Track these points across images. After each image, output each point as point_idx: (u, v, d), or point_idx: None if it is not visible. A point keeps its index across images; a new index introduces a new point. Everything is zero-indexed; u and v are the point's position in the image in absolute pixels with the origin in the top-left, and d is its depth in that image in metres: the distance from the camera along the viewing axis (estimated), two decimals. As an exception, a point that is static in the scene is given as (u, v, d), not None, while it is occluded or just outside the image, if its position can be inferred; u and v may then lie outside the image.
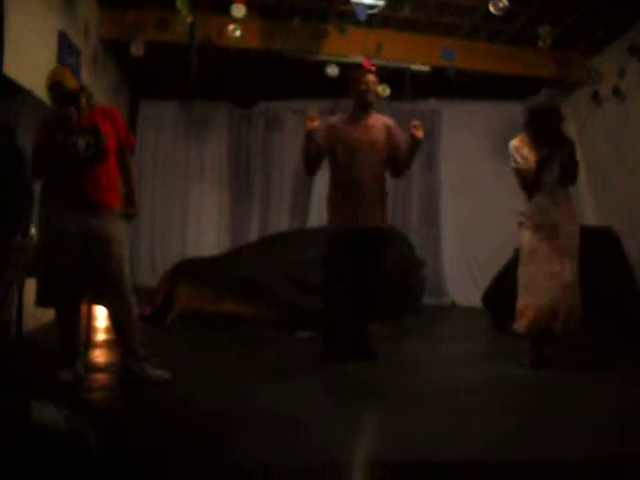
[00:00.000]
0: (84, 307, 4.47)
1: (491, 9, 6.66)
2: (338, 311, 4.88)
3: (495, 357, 5.39)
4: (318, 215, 9.39)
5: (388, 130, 4.96)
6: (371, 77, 4.92)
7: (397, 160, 4.97)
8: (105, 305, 4.16)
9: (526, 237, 4.99)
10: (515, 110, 9.52)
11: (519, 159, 4.98)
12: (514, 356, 5.08)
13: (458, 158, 9.36)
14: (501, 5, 6.58)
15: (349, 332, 4.93)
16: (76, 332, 4.16)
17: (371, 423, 3.56)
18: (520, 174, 5.00)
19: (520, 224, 5.03)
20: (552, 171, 4.96)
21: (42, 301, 4.08)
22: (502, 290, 6.84)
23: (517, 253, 6.87)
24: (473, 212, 9.22)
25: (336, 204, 4.89)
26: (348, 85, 5.00)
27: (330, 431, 3.27)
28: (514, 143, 5.07)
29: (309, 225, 9.26)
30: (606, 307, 6.11)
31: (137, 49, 7.32)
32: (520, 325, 4.93)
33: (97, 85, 7.38)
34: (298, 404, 3.73)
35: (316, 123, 4.71)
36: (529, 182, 4.97)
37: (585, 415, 3.72)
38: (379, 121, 4.99)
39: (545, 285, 4.84)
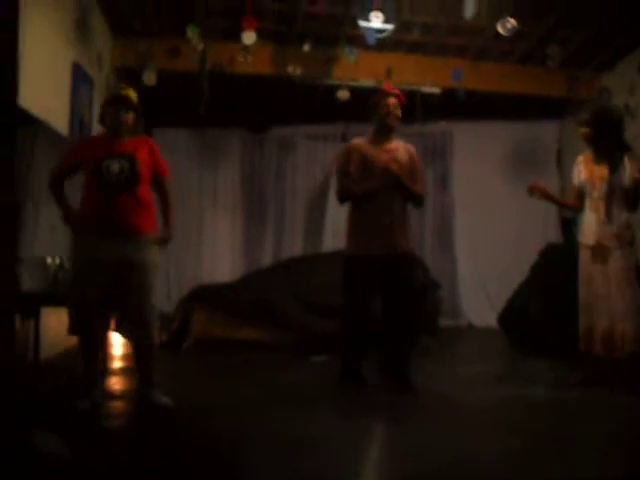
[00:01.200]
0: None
1: (499, 30, 6.69)
2: (355, 336, 4.83)
3: (511, 378, 5.36)
4: (332, 239, 9.41)
5: (410, 155, 4.88)
6: (392, 100, 4.82)
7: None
8: (128, 333, 4.13)
9: (581, 257, 4.98)
10: (527, 129, 9.62)
11: (574, 175, 5.05)
12: (531, 377, 5.06)
13: (470, 179, 9.36)
14: (509, 26, 6.61)
15: (362, 357, 4.90)
16: (98, 360, 4.19)
17: (384, 447, 3.54)
18: (572, 191, 5.06)
19: (578, 243, 5.04)
20: (600, 188, 4.90)
21: (74, 329, 4.05)
22: (517, 310, 6.82)
23: (532, 272, 6.87)
24: (487, 232, 9.21)
25: (361, 230, 4.75)
26: (368, 109, 4.89)
27: (343, 455, 3.26)
28: (578, 158, 5.08)
29: (323, 249, 9.25)
30: None
31: (149, 77, 7.40)
32: (584, 345, 4.90)
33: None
34: (313, 428, 3.72)
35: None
36: (572, 202, 5.09)
37: (596, 439, 3.67)
38: (401, 145, 4.91)
39: (600, 308, 4.82)
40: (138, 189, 4.04)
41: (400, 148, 4.87)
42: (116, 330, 4.19)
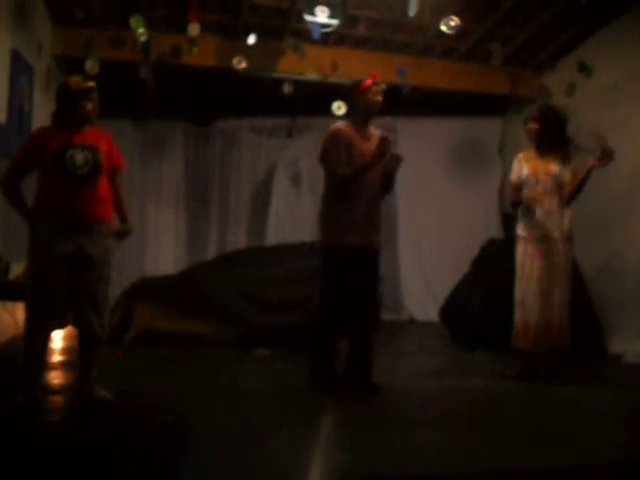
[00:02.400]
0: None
1: (442, 28, 6.77)
2: (333, 332, 4.64)
3: (450, 371, 5.46)
4: (275, 232, 9.41)
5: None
6: (380, 88, 4.70)
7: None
8: (78, 326, 4.05)
9: (520, 251, 5.06)
10: (469, 126, 9.76)
11: (513, 170, 5.15)
12: (470, 369, 5.16)
13: (414, 174, 9.41)
14: (452, 24, 6.69)
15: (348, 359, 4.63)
16: (44, 353, 4.11)
17: (324, 439, 3.56)
18: (509, 187, 5.17)
19: (516, 237, 5.11)
20: (545, 183, 5.02)
21: (35, 326, 3.91)
22: (458, 304, 6.93)
23: (473, 267, 7.00)
24: (430, 227, 9.32)
25: (344, 220, 4.50)
26: (352, 94, 4.71)
27: (286, 446, 3.29)
28: (518, 155, 5.18)
29: (266, 242, 9.25)
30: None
31: (92, 67, 7.26)
32: (521, 341, 5.00)
33: (50, 103, 7.30)
34: (256, 420, 3.72)
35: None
36: (512, 197, 5.16)
37: (535, 425, 3.82)
38: (376, 133, 4.72)
39: (536, 303, 4.91)
40: (100, 180, 4.01)
41: (376, 135, 4.64)
42: (70, 323, 4.11)
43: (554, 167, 5.03)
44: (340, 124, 4.71)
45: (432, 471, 3.01)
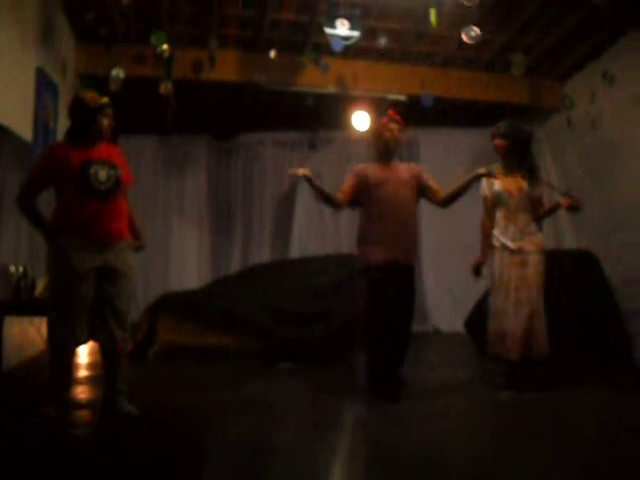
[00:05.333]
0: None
1: (464, 38, 6.76)
2: (384, 348, 4.77)
3: (476, 382, 5.42)
4: (299, 247, 9.42)
5: (411, 171, 5.01)
6: (395, 126, 4.98)
7: (435, 195, 5.00)
8: (102, 340, 4.06)
9: (496, 262, 5.10)
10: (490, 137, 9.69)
11: (483, 187, 5.25)
12: (495, 381, 5.12)
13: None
14: (473, 34, 6.68)
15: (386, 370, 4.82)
16: (70, 368, 4.14)
17: (350, 452, 3.54)
18: (485, 202, 5.27)
19: (491, 247, 5.14)
20: (519, 199, 5.12)
21: (59, 341, 3.92)
22: (483, 316, 6.87)
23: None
24: (453, 238, 9.25)
25: (374, 240, 4.82)
26: (371, 134, 5.06)
27: (312, 461, 3.27)
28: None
29: (290, 255, 9.26)
30: (588, 329, 6.15)
31: (116, 84, 7.33)
32: (495, 349, 5.05)
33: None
34: (279, 435, 3.71)
35: (301, 171, 4.67)
36: (484, 209, 5.28)
37: (561, 437, 3.76)
38: (402, 166, 5.08)
39: (513, 312, 4.95)
40: (119, 195, 4.04)
41: (402, 167, 5.05)
42: (92, 337, 4.13)
43: (523, 183, 5.14)
44: (359, 165, 5.08)
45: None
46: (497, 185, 5.15)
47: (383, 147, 5.00)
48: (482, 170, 4.80)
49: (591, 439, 3.77)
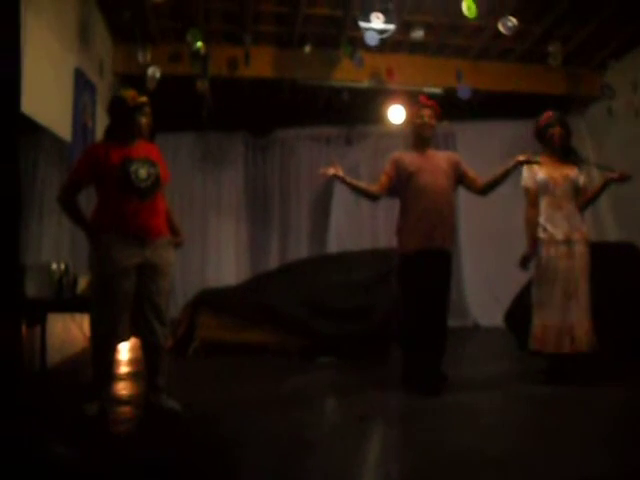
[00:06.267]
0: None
1: (500, 29, 6.69)
2: (422, 339, 4.76)
3: (518, 377, 5.35)
4: (337, 241, 9.41)
5: (449, 159, 5.01)
6: (427, 111, 4.95)
7: (474, 183, 5.01)
8: (142, 336, 4.11)
9: (543, 253, 5.00)
10: (528, 128, 9.59)
11: (526, 177, 5.14)
12: (536, 376, 5.06)
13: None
14: (510, 24, 6.61)
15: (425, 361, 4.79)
16: (112, 365, 4.19)
17: (392, 447, 3.53)
18: (528, 193, 5.14)
19: (537, 239, 5.05)
20: (564, 187, 5.03)
21: (101, 338, 3.98)
22: (523, 309, 6.79)
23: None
24: (492, 231, 9.18)
25: (410, 228, 4.82)
26: (406, 123, 5.09)
27: (351, 455, 3.26)
28: None
29: (328, 251, 9.25)
30: (630, 323, 6.05)
31: (151, 82, 7.39)
32: (539, 344, 4.95)
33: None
34: (320, 429, 3.72)
35: (331, 171, 4.73)
36: (528, 200, 5.14)
37: (605, 433, 3.70)
38: (440, 154, 5.10)
39: (562, 304, 4.85)
40: (159, 193, 4.07)
41: (439, 154, 5.06)
42: (133, 334, 4.19)
43: (570, 172, 5.07)
44: (396, 153, 5.06)
45: None
46: (541, 174, 5.06)
47: (416, 135, 4.98)
48: (522, 157, 4.76)
49: (630, 434, 3.70)
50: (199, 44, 7.08)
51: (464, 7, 6.32)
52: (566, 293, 4.88)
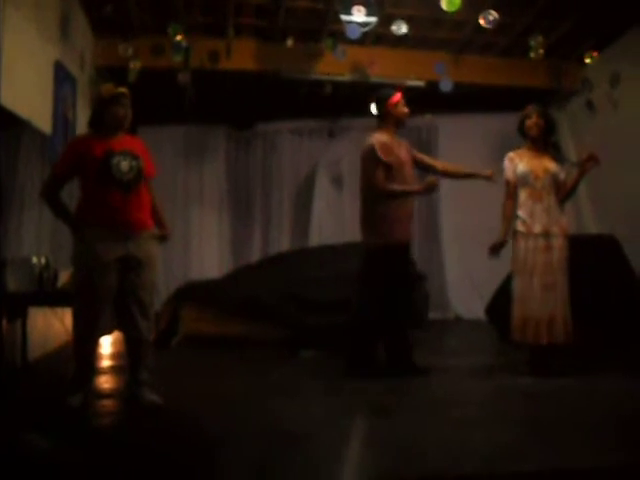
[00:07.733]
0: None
1: (481, 22, 6.70)
2: (374, 327, 5.02)
3: (500, 369, 5.39)
4: (318, 234, 9.41)
5: (407, 147, 5.20)
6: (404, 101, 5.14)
7: (434, 164, 5.36)
8: (126, 330, 4.11)
9: (520, 246, 5.03)
10: (510, 121, 9.64)
11: (506, 169, 5.19)
12: (518, 367, 5.10)
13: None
14: (491, 18, 6.63)
15: (391, 348, 5.07)
16: (94, 358, 4.18)
17: (376, 439, 3.54)
18: (507, 186, 5.20)
19: (514, 232, 5.08)
20: (544, 179, 5.06)
21: (84, 332, 3.97)
22: (504, 302, 6.84)
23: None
24: (473, 225, 9.19)
25: (392, 220, 4.95)
26: (382, 107, 5.06)
27: (334, 447, 3.27)
28: (509, 154, 5.18)
29: (309, 244, 9.26)
30: (610, 314, 6.11)
31: (133, 76, 7.34)
32: (519, 335, 4.99)
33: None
34: (303, 422, 3.72)
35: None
36: (506, 191, 5.20)
37: (588, 424, 3.73)
38: (403, 142, 5.22)
39: (541, 297, 4.89)
40: (142, 187, 4.06)
41: (403, 143, 5.19)
42: (117, 327, 4.18)
43: (550, 165, 5.11)
44: (380, 136, 5.03)
45: (483, 470, 2.98)
46: (522, 166, 5.09)
47: (398, 122, 5.11)
48: (487, 173, 5.14)
49: (614, 423, 3.74)
50: (178, 37, 7.05)
51: (443, 1, 6.32)
52: (545, 286, 4.91)
